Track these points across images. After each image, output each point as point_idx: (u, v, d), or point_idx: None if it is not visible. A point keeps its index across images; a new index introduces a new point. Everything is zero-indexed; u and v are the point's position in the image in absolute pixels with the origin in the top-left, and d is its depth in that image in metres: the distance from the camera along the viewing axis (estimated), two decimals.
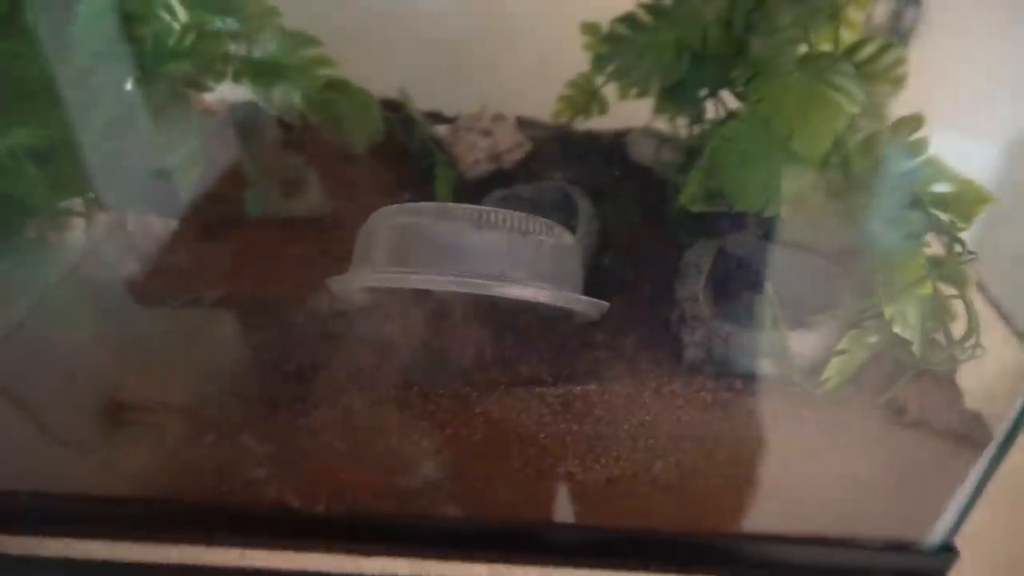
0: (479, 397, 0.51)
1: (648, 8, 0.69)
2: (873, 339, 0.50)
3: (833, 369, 0.49)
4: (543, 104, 0.89)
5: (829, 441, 0.50)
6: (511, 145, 0.78)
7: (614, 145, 0.86)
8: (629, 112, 0.83)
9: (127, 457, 0.52)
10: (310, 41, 0.74)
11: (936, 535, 0.50)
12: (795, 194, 0.54)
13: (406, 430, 0.51)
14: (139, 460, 0.52)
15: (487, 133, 0.78)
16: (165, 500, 0.51)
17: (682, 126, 0.80)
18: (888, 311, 0.47)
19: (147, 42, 0.73)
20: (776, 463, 0.49)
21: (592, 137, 0.87)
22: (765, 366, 0.53)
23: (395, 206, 0.52)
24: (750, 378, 0.53)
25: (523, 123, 0.84)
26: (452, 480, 0.50)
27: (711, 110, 0.75)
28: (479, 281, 0.47)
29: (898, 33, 0.89)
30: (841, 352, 0.49)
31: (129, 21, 0.74)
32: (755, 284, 0.53)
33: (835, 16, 0.66)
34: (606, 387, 0.53)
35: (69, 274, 0.60)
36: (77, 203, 0.60)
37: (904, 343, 0.48)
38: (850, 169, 0.53)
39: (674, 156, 0.81)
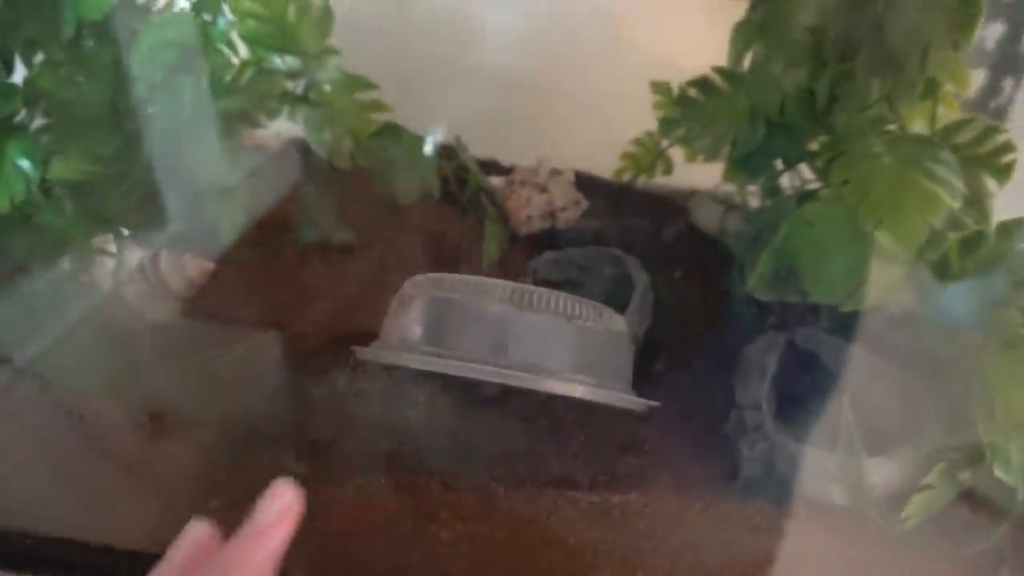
0: (505, 493, 0.46)
1: (723, 73, 0.64)
2: (965, 475, 0.43)
3: (915, 507, 0.43)
4: (600, 159, 0.85)
5: None
6: (567, 203, 0.74)
7: (677, 208, 0.81)
8: (696, 172, 0.78)
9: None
10: (365, 83, 0.72)
11: None
12: (882, 291, 0.48)
13: (423, 520, 0.46)
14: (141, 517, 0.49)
15: (543, 189, 0.74)
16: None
17: (752, 195, 0.75)
18: (988, 448, 0.41)
19: (203, 77, 0.72)
20: None
21: (654, 197, 0.82)
22: (835, 494, 0.46)
23: (427, 276, 0.48)
24: (815, 506, 0.47)
25: (580, 178, 0.79)
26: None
27: (786, 182, 0.70)
28: (517, 374, 0.43)
29: (994, 110, 0.82)
30: (926, 488, 0.42)
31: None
32: (827, 391, 0.47)
33: (931, 93, 0.61)
34: (648, 497, 0.47)
35: (90, 316, 0.58)
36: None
37: (1001, 486, 0.41)
38: (949, 270, 0.46)
39: (741, 227, 0.76)
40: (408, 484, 0.46)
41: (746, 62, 0.64)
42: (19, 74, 0.64)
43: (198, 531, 0.37)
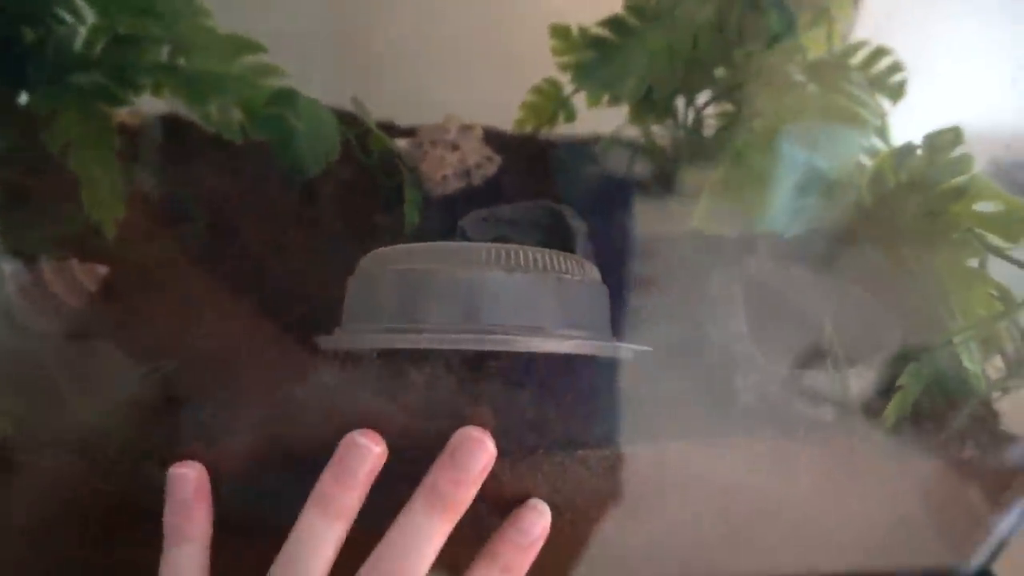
0: (511, 465, 0.44)
1: (635, 11, 0.64)
2: (929, 372, 0.47)
3: (894, 406, 0.46)
4: (492, 110, 0.83)
5: (895, 479, 0.47)
6: (480, 159, 0.71)
7: (583, 155, 0.80)
8: (592, 118, 0.78)
9: None
10: (252, 46, 0.64)
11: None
12: (824, 214, 0.50)
13: None
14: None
15: (454, 147, 0.71)
16: None
17: (657, 135, 0.76)
18: (958, 345, 0.44)
19: (48, 48, 0.61)
20: (842, 506, 0.46)
21: (558, 146, 0.81)
22: (826, 409, 0.49)
23: (393, 248, 0.44)
24: (811, 423, 0.49)
25: (486, 133, 0.77)
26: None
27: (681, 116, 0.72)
28: (507, 338, 0.40)
29: None
30: (899, 388, 0.46)
31: (21, 23, 0.62)
32: (789, 316, 0.49)
33: (824, 20, 0.64)
34: (652, 442, 0.47)
35: None
36: None
37: (961, 376, 0.46)
38: (884, 184, 0.49)
39: (651, 168, 0.77)
40: (412, 473, 0.42)
41: None
42: None
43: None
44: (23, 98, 0.63)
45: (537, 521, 0.42)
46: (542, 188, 0.73)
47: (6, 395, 0.45)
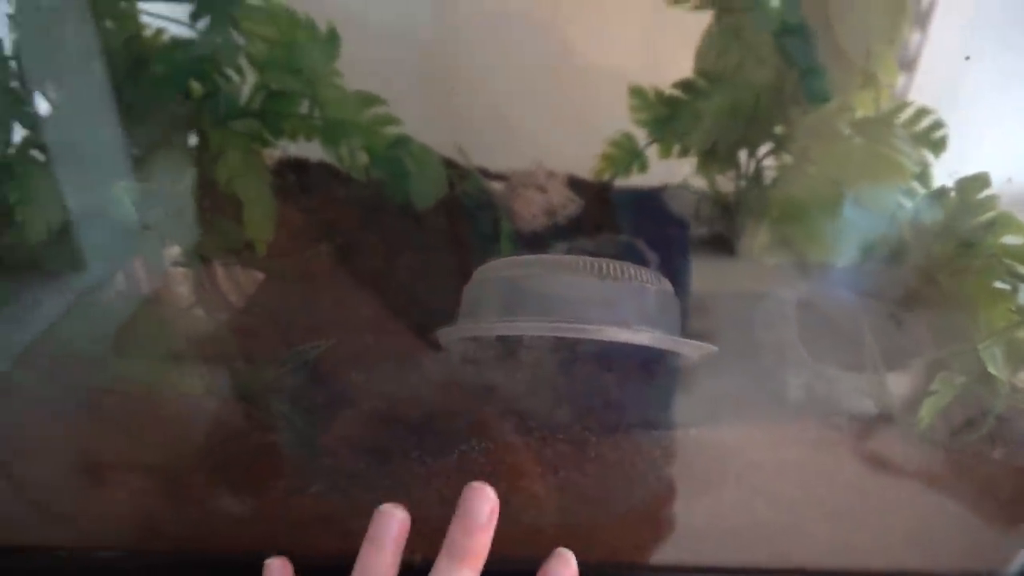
0: (596, 441, 0.53)
1: (704, 75, 0.74)
2: (961, 379, 0.54)
3: (927, 408, 0.53)
4: (573, 161, 0.93)
5: (928, 475, 0.53)
6: (564, 201, 0.82)
7: (653, 201, 0.90)
8: (663, 170, 0.88)
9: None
10: (376, 100, 0.77)
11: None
12: (865, 245, 0.58)
13: (519, 474, 0.52)
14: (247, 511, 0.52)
15: (542, 190, 0.81)
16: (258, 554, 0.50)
17: (721, 183, 0.85)
18: (982, 352, 0.51)
19: (219, 100, 0.75)
20: (879, 498, 0.52)
21: (631, 194, 0.91)
22: (867, 406, 0.56)
23: (503, 259, 0.54)
24: (854, 418, 0.56)
25: (570, 180, 0.87)
26: (562, 524, 0.51)
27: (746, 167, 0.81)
28: (591, 327, 0.49)
29: (903, 61, 0.96)
30: (932, 392, 0.53)
31: (199, 80, 0.76)
32: (837, 328, 0.57)
33: (872, 84, 0.73)
34: (715, 429, 0.55)
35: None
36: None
37: (989, 383, 0.52)
38: (919, 223, 0.57)
39: (713, 211, 0.86)
40: (508, 445, 0.51)
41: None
42: None
43: (400, 515, 0.42)
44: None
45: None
46: (617, 228, 0.83)
47: (194, 364, 0.56)
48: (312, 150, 0.78)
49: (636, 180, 0.91)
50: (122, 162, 0.68)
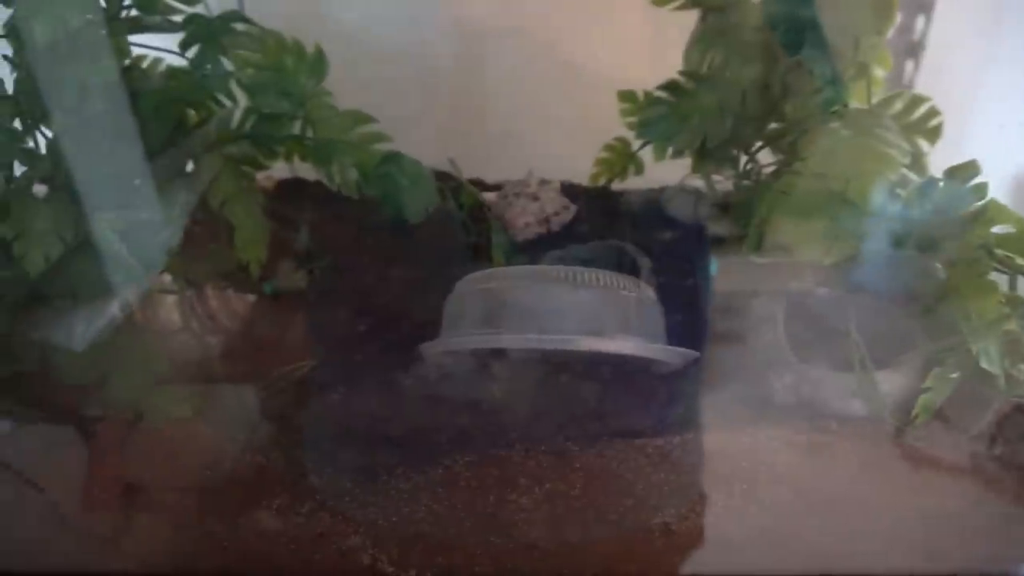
0: (579, 450, 0.52)
1: (689, 75, 0.73)
2: (955, 375, 0.52)
3: (921, 406, 0.51)
4: (568, 166, 0.93)
5: (925, 476, 0.52)
6: (558, 208, 0.82)
7: (651, 203, 0.89)
8: (660, 171, 0.87)
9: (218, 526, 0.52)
10: (365, 119, 0.77)
11: None
12: (855, 242, 0.57)
13: (504, 488, 0.52)
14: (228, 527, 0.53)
15: (535, 198, 0.81)
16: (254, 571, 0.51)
17: (717, 182, 0.84)
18: (974, 347, 0.50)
19: (211, 125, 0.76)
20: (873, 501, 0.51)
21: (628, 196, 0.90)
22: (856, 407, 0.54)
23: (483, 272, 0.54)
24: (842, 419, 0.55)
25: (562, 186, 0.87)
26: (549, 538, 0.51)
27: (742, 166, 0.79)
28: (573, 338, 0.49)
29: (907, 47, 0.94)
30: (927, 389, 0.51)
31: (192, 107, 0.78)
32: (824, 328, 0.56)
33: (864, 74, 0.71)
34: (700, 433, 0.54)
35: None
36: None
37: (986, 378, 0.50)
38: (909, 215, 0.56)
39: (712, 211, 0.85)
40: (492, 457, 0.51)
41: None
42: None
43: None
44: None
45: None
46: (613, 233, 0.82)
47: (185, 385, 0.57)
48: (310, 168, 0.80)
49: (636, 182, 0.91)
50: (121, 192, 0.69)
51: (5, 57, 0.68)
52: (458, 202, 0.82)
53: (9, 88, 0.69)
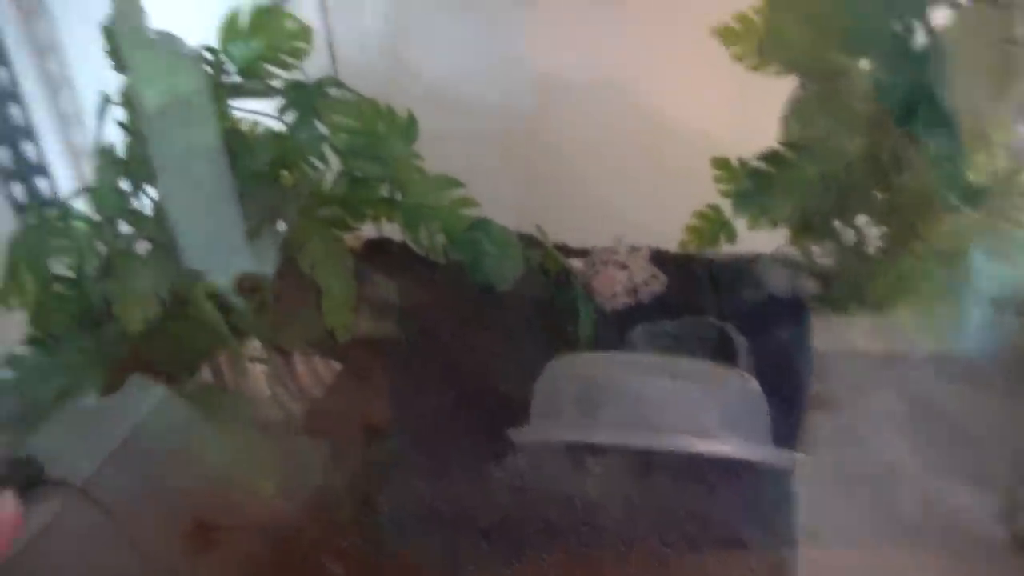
0: (677, 558, 0.49)
1: (791, 146, 0.70)
2: None
3: None
4: (653, 231, 0.90)
5: None
6: (647, 277, 0.79)
7: (744, 273, 0.85)
8: (750, 236, 0.83)
9: None
10: (454, 183, 0.77)
11: None
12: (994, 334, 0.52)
13: None
14: None
15: (623, 266, 0.79)
16: None
17: (818, 254, 0.80)
18: None
19: (303, 188, 0.77)
20: None
21: (720, 265, 0.86)
22: (995, 529, 0.49)
23: (576, 355, 0.52)
24: (977, 543, 0.49)
25: (653, 254, 0.84)
26: None
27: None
28: (675, 438, 0.46)
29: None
30: None
31: (287, 168, 0.79)
32: (961, 436, 0.50)
33: (982, 146, 0.66)
34: (808, 549, 0.49)
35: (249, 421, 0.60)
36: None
37: None
38: None
39: (812, 285, 0.80)
40: (582, 556, 0.48)
41: None
42: None
43: None
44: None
45: None
46: (706, 304, 0.78)
47: (272, 461, 0.57)
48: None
49: (725, 248, 0.87)
50: (218, 255, 0.71)
51: (119, 123, 0.71)
52: (543, 268, 0.80)
53: (120, 152, 0.72)
